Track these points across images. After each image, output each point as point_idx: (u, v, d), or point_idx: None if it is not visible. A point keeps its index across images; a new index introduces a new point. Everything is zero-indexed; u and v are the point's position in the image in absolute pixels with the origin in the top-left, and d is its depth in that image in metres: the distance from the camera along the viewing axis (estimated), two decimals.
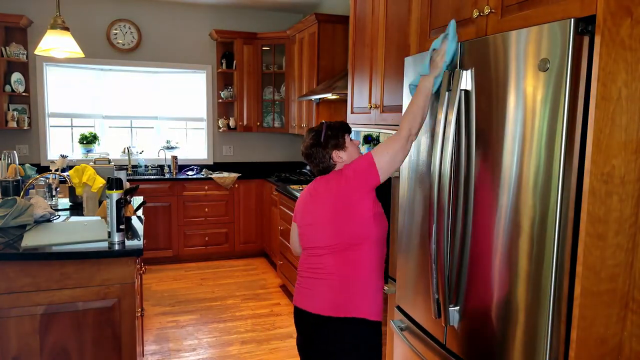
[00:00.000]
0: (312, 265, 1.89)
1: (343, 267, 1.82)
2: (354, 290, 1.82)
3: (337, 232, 1.81)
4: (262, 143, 6.06)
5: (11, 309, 2.01)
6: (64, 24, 3.04)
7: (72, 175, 2.96)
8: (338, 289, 1.82)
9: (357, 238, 1.80)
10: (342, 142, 1.88)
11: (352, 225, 1.80)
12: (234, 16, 5.73)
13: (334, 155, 1.87)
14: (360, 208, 1.79)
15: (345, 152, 1.89)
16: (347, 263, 1.82)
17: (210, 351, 3.31)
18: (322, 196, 1.87)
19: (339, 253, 1.83)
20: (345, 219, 1.80)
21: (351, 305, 1.81)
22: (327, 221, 1.83)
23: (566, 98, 1.23)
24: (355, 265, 1.82)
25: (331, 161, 1.88)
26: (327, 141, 1.87)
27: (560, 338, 1.31)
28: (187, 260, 5.35)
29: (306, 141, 1.92)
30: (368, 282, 1.83)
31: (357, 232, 1.80)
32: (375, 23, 2.73)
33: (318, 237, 1.87)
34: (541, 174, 1.31)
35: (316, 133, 1.90)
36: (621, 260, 1.28)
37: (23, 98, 5.04)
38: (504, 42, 1.43)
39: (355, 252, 1.81)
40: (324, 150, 1.87)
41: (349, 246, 1.81)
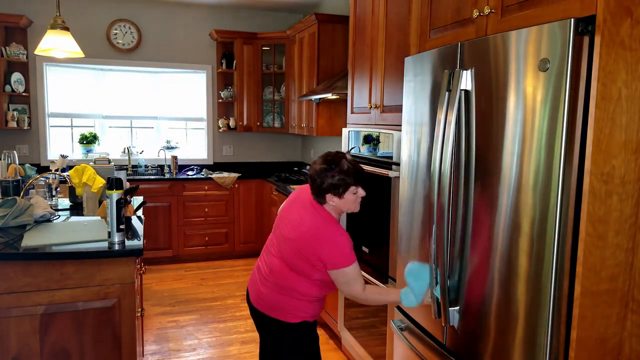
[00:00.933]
0: (265, 260, 2.04)
1: (282, 279, 1.94)
2: (292, 299, 1.94)
3: (288, 253, 1.91)
4: (262, 143, 6.06)
5: (11, 309, 2.01)
6: (64, 24, 3.04)
7: (72, 175, 2.96)
8: (278, 294, 1.95)
9: (299, 271, 1.90)
10: (343, 191, 1.86)
11: (299, 262, 1.88)
12: (234, 16, 5.73)
13: (327, 196, 1.88)
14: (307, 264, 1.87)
15: (339, 200, 1.88)
16: (286, 276, 1.93)
17: (210, 351, 3.31)
18: (298, 216, 1.92)
19: (284, 264, 1.94)
20: (296, 254, 1.88)
21: (275, 311, 1.96)
22: (289, 237, 1.91)
23: (566, 98, 1.23)
24: (293, 282, 1.92)
25: (324, 199, 1.90)
26: (328, 185, 1.85)
27: (560, 338, 1.31)
28: (187, 260, 5.35)
29: (316, 165, 1.89)
30: (307, 296, 1.94)
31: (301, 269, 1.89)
32: (375, 23, 2.73)
33: (279, 239, 1.97)
34: (541, 174, 1.31)
35: (327, 167, 1.86)
36: (621, 260, 1.29)
37: (23, 98, 5.04)
38: (504, 42, 1.43)
39: (296, 274, 1.91)
40: (321, 189, 1.87)
41: (292, 269, 1.91)
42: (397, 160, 2.37)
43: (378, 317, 2.63)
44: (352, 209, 1.93)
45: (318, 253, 1.82)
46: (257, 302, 2.02)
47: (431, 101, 1.84)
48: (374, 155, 2.67)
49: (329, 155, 1.89)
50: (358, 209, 1.94)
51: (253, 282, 2.07)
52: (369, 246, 2.73)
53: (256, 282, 2.05)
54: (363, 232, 2.81)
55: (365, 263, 2.70)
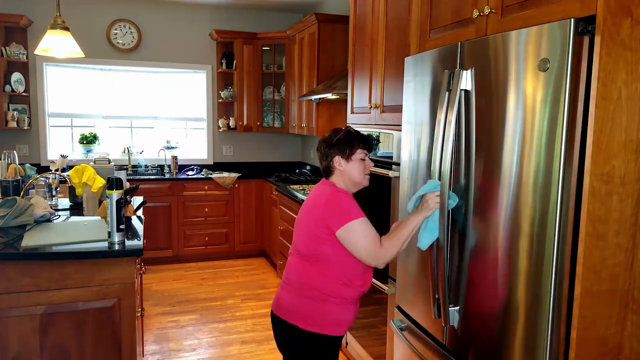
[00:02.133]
0: (286, 265, 1.95)
1: (303, 274, 1.83)
2: (310, 300, 1.80)
3: (298, 236, 1.87)
4: (262, 143, 6.06)
5: (11, 309, 2.01)
6: (64, 24, 3.04)
7: (72, 175, 2.96)
8: (296, 295, 1.83)
9: (307, 250, 1.82)
10: (350, 152, 1.84)
11: (307, 238, 1.82)
12: (234, 16, 5.73)
13: (335, 159, 1.85)
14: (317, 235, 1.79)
15: (346, 163, 1.84)
16: (307, 271, 1.82)
17: (210, 351, 3.31)
18: (309, 200, 1.90)
19: (303, 258, 1.84)
20: (305, 229, 1.83)
21: (309, 318, 1.79)
22: (304, 224, 1.86)
23: (566, 98, 1.23)
24: (307, 274, 1.81)
25: (331, 163, 1.86)
26: (336, 143, 1.85)
27: (560, 338, 1.31)
28: (187, 260, 5.35)
29: (324, 136, 1.92)
30: (328, 295, 1.79)
31: (308, 246, 1.82)
32: (375, 23, 2.73)
33: (296, 237, 1.92)
34: (541, 174, 1.31)
35: (334, 132, 1.90)
36: (621, 260, 1.28)
37: (23, 98, 5.04)
38: (504, 42, 1.43)
39: (307, 263, 1.82)
40: (329, 149, 1.86)
41: (302, 254, 1.83)
42: (397, 160, 2.37)
43: (378, 317, 2.63)
44: (360, 180, 1.86)
45: (319, 215, 1.77)
46: (276, 307, 1.90)
47: (431, 101, 1.84)
48: (374, 155, 2.67)
49: (335, 129, 1.94)
50: (367, 182, 1.89)
51: (277, 294, 1.96)
52: None
53: (279, 291, 1.94)
54: None
55: None
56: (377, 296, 2.62)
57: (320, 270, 1.79)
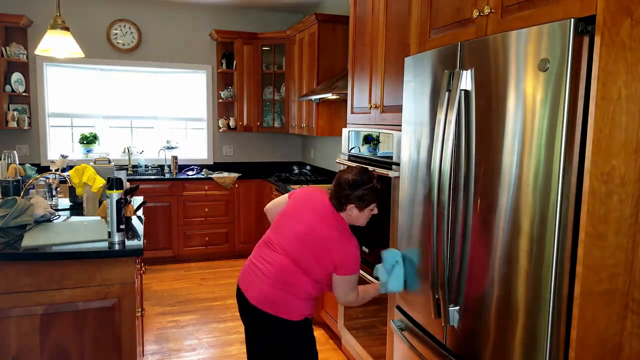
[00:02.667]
0: (266, 257, 2.06)
1: (286, 276, 1.99)
2: (287, 297, 1.99)
3: (299, 252, 1.98)
4: (262, 143, 6.06)
5: (11, 309, 2.01)
6: (64, 24, 3.04)
7: (72, 175, 2.96)
8: (278, 291, 1.99)
9: (308, 270, 1.99)
10: (365, 206, 2.01)
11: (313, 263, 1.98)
12: (234, 16, 5.73)
13: (349, 206, 2.00)
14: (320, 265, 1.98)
15: (358, 213, 2.03)
16: (293, 275, 1.99)
17: (210, 351, 3.31)
18: (314, 216, 2.03)
19: (290, 262, 2.00)
20: (310, 255, 1.98)
21: (281, 308, 1.99)
22: (301, 236, 1.99)
23: (566, 98, 1.23)
24: (298, 281, 2.00)
25: (345, 206, 2.01)
26: (357, 195, 1.99)
27: (560, 338, 1.31)
28: (187, 260, 5.35)
29: (349, 175, 2.02)
30: (303, 297, 2.01)
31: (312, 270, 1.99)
32: (375, 23, 2.73)
33: (287, 237, 2.03)
34: (541, 174, 1.31)
35: (360, 180, 2.00)
36: (621, 260, 1.29)
37: (23, 98, 5.04)
38: (504, 42, 1.43)
39: (303, 274, 1.99)
40: (349, 196, 1.99)
41: (300, 267, 1.99)
42: (397, 160, 2.37)
43: (378, 317, 2.63)
44: (361, 224, 2.08)
45: (334, 257, 1.95)
46: (261, 302, 2.00)
47: (431, 101, 1.84)
48: (374, 155, 2.67)
49: (363, 171, 2.06)
50: (365, 224, 2.10)
51: (251, 283, 2.06)
52: (369, 246, 2.73)
53: (256, 281, 2.04)
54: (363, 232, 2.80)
55: (365, 263, 2.70)
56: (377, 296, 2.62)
57: (305, 276, 2.00)
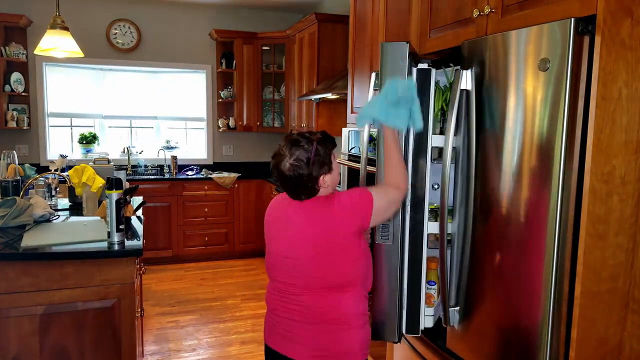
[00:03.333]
0: (288, 303, 1.62)
1: (325, 308, 1.57)
2: (340, 332, 1.57)
3: (319, 271, 1.55)
4: (262, 143, 6.06)
5: (11, 309, 2.01)
6: (63, 24, 3.03)
7: (71, 175, 2.96)
8: (323, 332, 1.58)
9: (341, 277, 1.56)
10: (330, 162, 1.57)
11: (337, 266, 1.55)
12: (234, 16, 5.73)
13: (320, 180, 1.54)
14: (348, 245, 1.54)
15: (330, 176, 1.57)
16: (330, 303, 1.57)
17: (210, 351, 3.31)
18: (302, 227, 1.57)
19: (319, 292, 1.57)
20: (330, 258, 1.54)
21: (340, 350, 1.58)
22: (307, 258, 1.56)
23: (566, 98, 1.23)
24: (339, 305, 1.57)
25: (316, 186, 1.55)
26: (315, 162, 1.52)
27: (560, 338, 1.31)
28: (187, 260, 5.35)
29: (286, 161, 1.52)
30: (354, 319, 1.59)
31: (343, 271, 1.56)
32: (375, 23, 2.73)
33: (296, 273, 1.59)
34: (541, 174, 1.31)
35: (303, 151, 1.52)
36: (621, 260, 1.28)
37: (23, 98, 5.04)
38: (504, 42, 1.43)
39: (338, 292, 1.57)
40: (309, 174, 1.52)
41: (332, 285, 1.56)
42: None
43: None
44: (337, 182, 1.65)
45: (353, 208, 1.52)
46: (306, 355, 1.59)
47: None
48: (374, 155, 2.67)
49: (292, 141, 1.54)
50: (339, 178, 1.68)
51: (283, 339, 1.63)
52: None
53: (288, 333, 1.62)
54: None
55: None
56: None
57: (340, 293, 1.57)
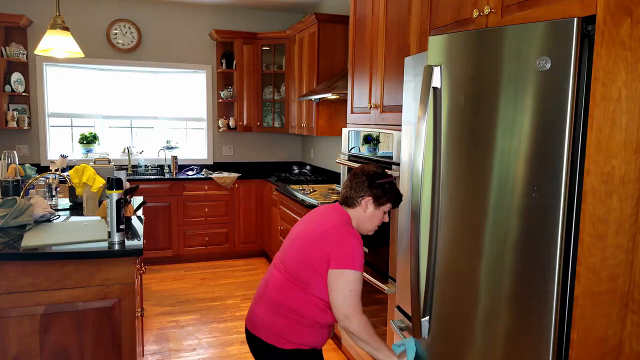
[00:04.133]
0: (265, 278, 1.86)
1: (284, 293, 1.74)
2: (286, 319, 1.74)
3: (298, 262, 1.74)
4: (262, 143, 6.07)
5: (11, 309, 2.01)
6: (64, 24, 3.04)
7: (72, 175, 2.96)
8: (272, 313, 1.75)
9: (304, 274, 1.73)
10: (383, 202, 1.81)
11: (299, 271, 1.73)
12: (234, 16, 5.73)
13: (366, 199, 1.80)
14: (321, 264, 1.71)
15: (373, 209, 1.81)
16: (290, 291, 1.74)
17: (210, 351, 3.31)
18: (317, 224, 1.79)
19: (288, 278, 1.75)
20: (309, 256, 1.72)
21: (283, 337, 1.73)
22: (302, 245, 1.76)
23: (566, 98, 1.23)
24: (295, 297, 1.73)
25: (360, 200, 1.81)
26: (377, 186, 1.79)
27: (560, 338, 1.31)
28: (187, 260, 5.35)
29: (368, 168, 1.85)
30: (305, 317, 1.73)
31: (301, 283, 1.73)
32: (375, 23, 2.73)
33: (287, 253, 1.81)
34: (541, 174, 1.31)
35: (380, 174, 1.83)
36: (621, 260, 1.28)
37: (23, 98, 5.04)
38: None
39: (300, 286, 1.73)
40: (367, 187, 1.79)
41: (299, 279, 1.73)
42: (397, 160, 2.37)
43: (378, 317, 2.63)
44: (372, 227, 1.86)
45: (325, 248, 1.69)
46: (250, 324, 1.83)
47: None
48: (374, 155, 2.67)
49: (383, 169, 1.87)
50: (372, 232, 1.89)
51: (250, 305, 1.90)
52: (369, 246, 2.73)
53: (252, 303, 1.88)
54: None
55: (365, 263, 2.70)
56: (377, 296, 2.62)
57: (303, 293, 1.73)
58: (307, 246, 1.74)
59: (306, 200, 3.89)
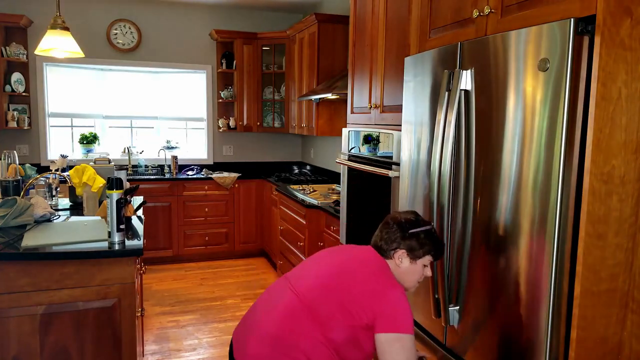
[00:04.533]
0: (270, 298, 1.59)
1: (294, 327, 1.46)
2: None
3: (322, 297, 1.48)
4: (262, 143, 6.06)
5: (11, 309, 2.01)
6: (64, 24, 3.03)
7: (72, 175, 2.96)
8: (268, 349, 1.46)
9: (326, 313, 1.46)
10: (419, 254, 1.55)
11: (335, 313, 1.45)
12: (234, 16, 5.73)
13: (399, 252, 1.56)
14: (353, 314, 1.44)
15: (409, 264, 1.56)
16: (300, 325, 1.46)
17: (210, 351, 3.31)
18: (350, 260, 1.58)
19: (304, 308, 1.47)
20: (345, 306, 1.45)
21: None
22: (327, 275, 1.54)
23: (566, 98, 1.23)
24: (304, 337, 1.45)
25: (391, 252, 1.57)
26: (412, 235, 1.55)
27: (560, 338, 1.31)
28: (187, 260, 5.35)
29: (401, 215, 1.62)
30: None
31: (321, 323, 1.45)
32: (375, 23, 2.73)
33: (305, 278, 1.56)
34: (541, 174, 1.31)
35: (415, 222, 1.58)
36: (621, 260, 1.29)
37: (23, 98, 5.04)
38: (504, 42, 1.43)
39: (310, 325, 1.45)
40: (400, 237, 1.56)
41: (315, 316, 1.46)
42: (397, 160, 2.37)
43: None
44: (411, 284, 1.60)
45: (373, 305, 1.44)
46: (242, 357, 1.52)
47: (431, 101, 1.84)
48: (374, 155, 2.67)
49: (416, 213, 1.64)
50: (414, 287, 1.63)
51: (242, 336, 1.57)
52: None
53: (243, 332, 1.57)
54: (363, 232, 2.80)
55: None
56: None
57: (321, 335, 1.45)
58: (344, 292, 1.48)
59: (306, 200, 3.89)
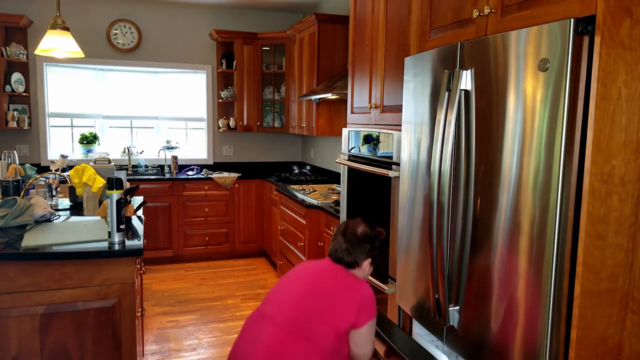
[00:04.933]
0: (252, 331, 1.73)
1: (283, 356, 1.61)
2: None
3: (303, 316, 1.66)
4: (262, 143, 6.07)
5: (11, 309, 2.01)
6: (64, 24, 3.04)
7: (72, 175, 2.96)
8: None
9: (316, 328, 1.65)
10: (377, 260, 1.86)
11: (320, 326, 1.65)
12: (234, 16, 5.73)
13: (365, 262, 1.84)
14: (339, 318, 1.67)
15: (370, 268, 1.87)
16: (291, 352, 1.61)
17: (210, 351, 3.31)
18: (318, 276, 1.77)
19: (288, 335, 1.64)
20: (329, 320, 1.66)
21: None
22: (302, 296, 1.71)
23: (566, 98, 1.23)
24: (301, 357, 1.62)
25: (361, 262, 1.83)
26: (376, 249, 1.83)
27: (560, 338, 1.31)
28: (187, 260, 5.35)
29: (359, 227, 1.84)
30: None
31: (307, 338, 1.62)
32: (375, 23, 2.73)
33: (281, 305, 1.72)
34: (541, 174, 1.31)
35: (375, 235, 1.85)
36: (621, 260, 1.29)
37: (23, 98, 5.04)
38: (504, 42, 1.43)
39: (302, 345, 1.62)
40: (369, 250, 1.82)
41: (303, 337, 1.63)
42: (397, 160, 2.37)
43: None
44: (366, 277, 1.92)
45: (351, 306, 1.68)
46: None
47: (431, 101, 1.84)
48: (374, 155, 2.67)
49: (367, 222, 1.88)
50: None
51: None
52: None
53: None
54: None
55: None
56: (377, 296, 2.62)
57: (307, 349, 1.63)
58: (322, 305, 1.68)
59: (306, 200, 3.89)
